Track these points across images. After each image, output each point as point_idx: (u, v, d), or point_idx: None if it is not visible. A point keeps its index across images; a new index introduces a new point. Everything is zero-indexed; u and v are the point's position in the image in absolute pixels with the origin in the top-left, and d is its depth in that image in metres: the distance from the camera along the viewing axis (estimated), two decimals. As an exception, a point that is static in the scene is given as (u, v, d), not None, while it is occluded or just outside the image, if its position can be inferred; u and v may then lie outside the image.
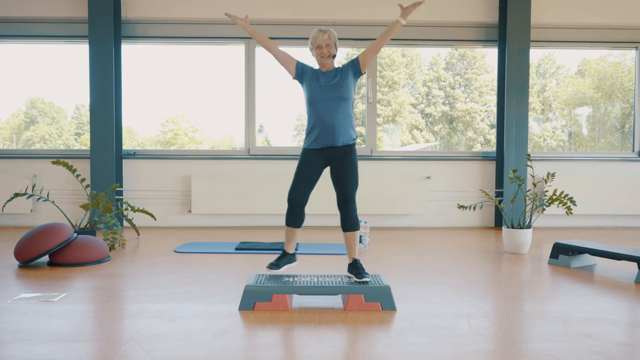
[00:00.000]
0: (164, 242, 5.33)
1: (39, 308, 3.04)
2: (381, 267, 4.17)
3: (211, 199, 6.33)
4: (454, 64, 7.50)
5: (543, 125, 7.42)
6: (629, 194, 6.53)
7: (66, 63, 6.77)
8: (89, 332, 2.65)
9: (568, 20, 6.50)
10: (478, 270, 4.13)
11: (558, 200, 4.68)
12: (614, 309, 3.09)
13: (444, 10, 6.42)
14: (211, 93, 6.92)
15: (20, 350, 2.39)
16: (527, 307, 3.13)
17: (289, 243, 3.35)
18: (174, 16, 6.32)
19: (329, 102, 3.22)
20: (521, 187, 4.77)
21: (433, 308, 3.08)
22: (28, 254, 4.08)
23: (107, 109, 6.17)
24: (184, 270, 4.04)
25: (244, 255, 4.64)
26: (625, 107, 7.19)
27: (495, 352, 2.42)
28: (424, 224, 6.56)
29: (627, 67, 7.10)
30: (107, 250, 4.42)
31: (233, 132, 7.06)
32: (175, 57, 6.83)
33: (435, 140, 7.54)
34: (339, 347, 2.48)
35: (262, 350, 2.42)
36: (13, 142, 7.17)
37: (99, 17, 6.09)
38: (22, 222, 6.38)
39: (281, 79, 6.53)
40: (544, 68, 7.34)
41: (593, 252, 4.07)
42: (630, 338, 2.63)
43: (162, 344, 2.49)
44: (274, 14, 6.32)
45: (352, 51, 7.10)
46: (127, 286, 3.59)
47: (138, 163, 6.43)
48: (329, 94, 3.23)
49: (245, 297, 3.04)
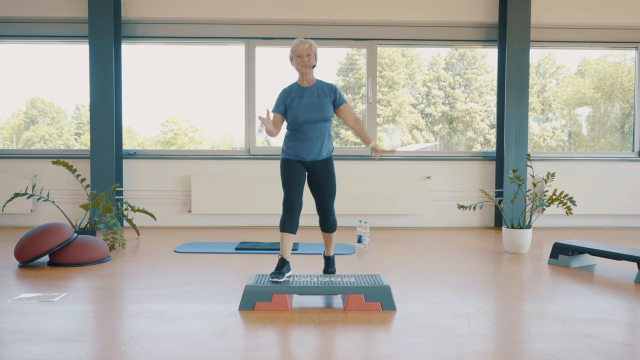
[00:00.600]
0: (164, 242, 5.33)
1: (39, 308, 3.04)
2: (381, 267, 4.17)
3: (211, 199, 6.33)
4: (453, 64, 7.50)
5: (543, 125, 7.42)
6: (629, 194, 6.53)
7: (66, 63, 6.77)
8: (89, 332, 2.65)
9: (568, 20, 6.50)
10: (478, 270, 4.13)
11: (558, 200, 4.68)
12: (614, 309, 3.09)
13: (443, 10, 6.42)
14: (211, 93, 6.92)
15: (20, 350, 2.39)
16: (527, 307, 3.13)
17: (287, 250, 3.35)
18: (174, 16, 6.32)
19: (313, 125, 3.36)
20: (521, 187, 4.77)
21: (433, 308, 3.09)
22: (28, 254, 4.08)
23: (107, 109, 6.17)
24: (184, 270, 4.04)
25: (244, 255, 4.64)
26: (625, 107, 7.19)
27: (495, 352, 2.42)
28: (424, 224, 6.56)
29: (627, 67, 7.10)
30: (107, 250, 4.42)
31: (233, 132, 7.06)
32: (175, 57, 6.83)
33: (435, 140, 7.54)
34: (339, 347, 2.48)
35: (262, 350, 2.42)
36: (13, 142, 7.17)
37: (99, 17, 6.09)
38: (22, 222, 6.38)
39: (281, 79, 6.53)
40: (544, 68, 7.34)
41: (593, 252, 4.07)
42: (630, 338, 2.63)
43: (162, 344, 2.49)
44: (274, 14, 6.32)
45: (352, 51, 7.10)
46: (127, 286, 3.59)
47: (138, 163, 6.43)
48: (313, 115, 3.35)
49: (245, 297, 3.04)
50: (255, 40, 6.46)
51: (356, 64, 7.24)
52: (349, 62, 7.31)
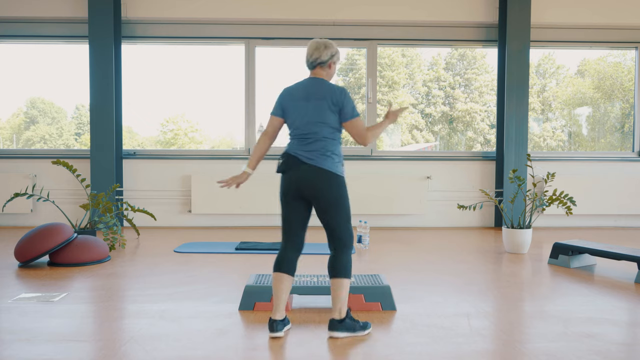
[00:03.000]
0: (164, 242, 5.33)
1: (39, 308, 3.04)
2: (381, 267, 4.17)
3: (211, 199, 6.33)
4: (454, 64, 7.50)
5: (543, 125, 7.42)
6: (629, 194, 6.52)
7: (66, 63, 6.77)
8: (89, 332, 2.65)
9: (568, 20, 6.50)
10: (478, 270, 4.13)
11: (558, 200, 4.68)
12: (614, 309, 3.09)
13: (444, 10, 6.42)
14: (211, 93, 6.93)
15: (20, 350, 2.39)
16: (527, 307, 3.13)
17: None
18: (174, 16, 6.32)
19: None
20: (521, 187, 4.77)
21: (433, 308, 3.08)
22: (28, 254, 4.08)
23: (107, 109, 6.17)
24: (184, 270, 4.04)
25: (244, 255, 4.64)
26: (625, 107, 7.19)
27: (495, 352, 2.42)
28: (424, 224, 6.56)
29: (627, 67, 7.10)
30: (107, 250, 4.42)
31: (233, 132, 7.06)
32: (175, 57, 6.83)
33: (435, 140, 7.55)
34: (339, 347, 2.48)
35: (262, 350, 2.42)
36: (13, 142, 7.17)
37: (99, 17, 6.09)
38: (22, 222, 6.38)
39: (281, 79, 6.53)
40: (543, 68, 7.35)
41: (593, 252, 4.07)
42: (630, 338, 2.63)
43: (162, 344, 2.49)
44: (274, 14, 6.32)
45: (352, 51, 7.10)
46: (127, 286, 3.59)
47: (138, 163, 6.43)
48: None
49: (245, 297, 3.04)
50: (255, 40, 6.46)
51: (356, 64, 7.25)
52: (349, 62, 7.31)
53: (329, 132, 2.69)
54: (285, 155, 2.73)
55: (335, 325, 2.60)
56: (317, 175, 2.63)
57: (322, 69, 2.78)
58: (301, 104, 2.70)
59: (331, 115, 2.68)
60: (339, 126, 2.73)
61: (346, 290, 2.61)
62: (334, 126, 2.70)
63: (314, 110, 2.68)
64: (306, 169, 2.64)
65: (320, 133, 2.68)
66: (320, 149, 2.66)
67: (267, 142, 2.81)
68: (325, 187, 2.63)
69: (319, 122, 2.67)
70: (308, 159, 2.65)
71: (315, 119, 2.67)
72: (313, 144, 2.67)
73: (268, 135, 2.80)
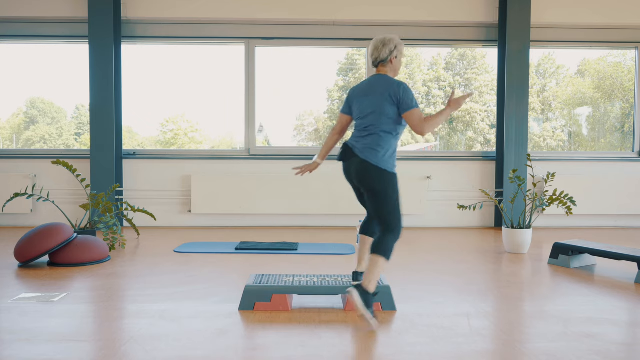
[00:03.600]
0: (164, 242, 5.33)
1: (39, 308, 3.04)
2: (381, 267, 4.17)
3: (211, 199, 6.33)
4: (454, 64, 7.50)
5: (543, 125, 7.42)
6: (629, 194, 6.52)
7: (66, 63, 6.77)
8: (89, 332, 2.65)
9: (568, 20, 6.50)
10: (478, 270, 4.13)
11: (558, 200, 4.68)
12: (614, 309, 3.09)
13: (444, 10, 6.42)
14: (211, 93, 6.93)
15: (20, 350, 2.39)
16: (527, 307, 3.13)
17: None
18: (174, 16, 6.32)
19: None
20: (521, 187, 4.77)
21: (433, 308, 3.08)
22: (28, 254, 4.08)
23: (107, 109, 6.17)
24: (184, 270, 4.04)
25: (244, 255, 4.64)
26: (625, 107, 7.19)
27: (495, 352, 2.42)
28: (424, 224, 6.56)
29: (627, 67, 7.10)
30: (107, 250, 4.42)
31: (233, 132, 7.06)
32: (175, 57, 6.83)
33: (435, 140, 7.54)
34: (339, 347, 2.48)
35: (262, 350, 2.42)
36: (13, 142, 7.17)
37: (99, 17, 6.09)
38: (22, 222, 6.38)
39: (281, 79, 6.53)
40: (544, 68, 7.34)
41: (593, 252, 4.07)
42: (630, 338, 2.63)
43: (162, 344, 2.49)
44: (274, 14, 6.32)
45: (352, 51, 7.10)
46: (127, 286, 3.59)
47: (138, 163, 6.43)
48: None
49: (245, 297, 3.04)
50: (255, 40, 6.46)
51: (356, 64, 7.24)
52: (349, 62, 7.31)
53: (388, 124, 2.83)
54: (344, 145, 2.95)
55: (359, 288, 2.69)
56: (363, 167, 2.82)
57: (384, 66, 2.96)
58: (362, 99, 2.91)
59: (389, 107, 2.82)
60: (398, 118, 2.86)
61: (379, 269, 2.73)
62: (392, 117, 2.83)
63: (373, 102, 2.85)
64: (356, 161, 2.85)
65: (378, 126, 2.83)
66: (371, 142, 2.83)
67: (335, 137, 3.11)
68: (369, 181, 2.82)
69: (377, 113, 2.83)
70: (360, 152, 2.84)
71: (373, 110, 2.84)
72: (367, 137, 2.85)
73: (336, 131, 3.10)
